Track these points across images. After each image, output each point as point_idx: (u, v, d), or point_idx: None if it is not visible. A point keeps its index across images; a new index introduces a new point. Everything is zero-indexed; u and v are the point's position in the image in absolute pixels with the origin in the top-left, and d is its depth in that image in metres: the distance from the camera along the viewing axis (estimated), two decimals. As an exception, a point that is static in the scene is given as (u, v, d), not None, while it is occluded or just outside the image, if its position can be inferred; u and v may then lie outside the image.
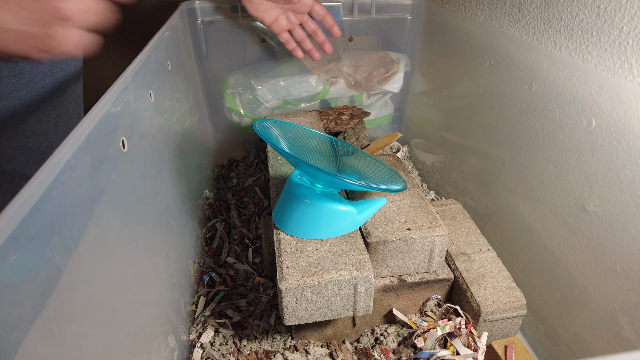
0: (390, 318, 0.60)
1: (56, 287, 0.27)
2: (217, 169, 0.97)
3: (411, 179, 0.64)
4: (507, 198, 0.67)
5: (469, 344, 0.54)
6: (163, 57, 0.61)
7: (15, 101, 0.49)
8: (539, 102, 0.59)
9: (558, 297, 0.57)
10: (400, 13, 0.93)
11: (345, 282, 0.48)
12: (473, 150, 0.77)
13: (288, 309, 0.49)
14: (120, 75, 0.43)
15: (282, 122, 0.56)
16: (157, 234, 0.50)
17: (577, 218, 0.53)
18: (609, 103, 0.48)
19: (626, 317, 0.48)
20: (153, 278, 0.47)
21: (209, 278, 0.66)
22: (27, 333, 0.25)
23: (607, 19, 0.52)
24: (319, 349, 0.56)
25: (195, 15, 0.85)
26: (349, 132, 0.92)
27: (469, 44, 0.75)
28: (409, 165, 1.00)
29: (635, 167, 0.45)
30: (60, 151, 0.30)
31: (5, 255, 0.23)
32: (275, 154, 0.71)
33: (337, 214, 0.51)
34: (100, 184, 0.35)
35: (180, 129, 0.67)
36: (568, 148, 0.54)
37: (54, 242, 0.28)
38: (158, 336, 0.47)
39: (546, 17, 0.62)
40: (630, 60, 0.50)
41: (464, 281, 0.57)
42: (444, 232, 0.54)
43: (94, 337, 0.32)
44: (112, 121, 0.38)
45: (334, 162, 0.59)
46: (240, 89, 0.92)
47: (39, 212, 0.26)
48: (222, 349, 0.57)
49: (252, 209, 0.82)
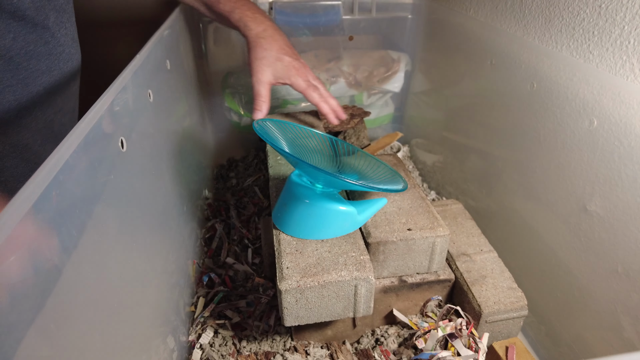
0: (391, 319, 0.59)
1: (55, 287, 0.27)
2: (216, 169, 0.97)
3: (412, 179, 0.64)
4: (509, 198, 0.67)
5: (470, 345, 0.54)
6: (162, 57, 0.60)
7: (9, 96, 0.49)
8: (540, 101, 0.59)
9: (559, 298, 0.57)
10: (400, 12, 0.93)
11: (346, 282, 0.48)
12: (474, 150, 0.77)
13: (288, 310, 0.48)
14: (119, 75, 0.43)
15: (282, 122, 0.56)
16: (156, 235, 0.50)
17: (579, 218, 0.53)
18: (611, 103, 0.48)
19: (628, 317, 0.47)
20: (152, 279, 0.47)
21: (208, 279, 0.66)
22: (26, 333, 0.24)
23: (608, 18, 0.52)
24: (319, 350, 0.56)
25: (194, 15, 0.85)
26: (349, 131, 0.91)
27: (470, 43, 0.75)
28: (409, 165, 1.00)
29: (637, 167, 0.45)
30: (59, 151, 0.30)
31: (5, 255, 0.23)
32: (275, 154, 0.71)
33: (337, 214, 0.51)
34: (99, 184, 0.35)
35: (179, 129, 0.66)
36: (569, 148, 0.54)
37: (54, 242, 0.28)
38: (157, 337, 0.46)
39: (547, 16, 0.62)
40: (632, 60, 0.50)
41: (465, 282, 0.57)
42: (445, 233, 0.53)
43: (92, 337, 0.32)
44: (111, 121, 0.38)
45: (334, 162, 0.58)
46: (240, 88, 0.92)
47: (38, 212, 0.26)
48: (221, 350, 0.57)
49: (251, 209, 0.81)
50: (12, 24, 0.47)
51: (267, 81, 0.64)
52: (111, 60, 0.83)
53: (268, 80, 0.64)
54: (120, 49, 1.07)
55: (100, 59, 1.02)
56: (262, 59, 0.64)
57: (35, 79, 0.51)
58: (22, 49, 0.49)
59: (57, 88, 0.55)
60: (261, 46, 0.64)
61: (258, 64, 0.64)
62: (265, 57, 0.64)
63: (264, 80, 0.64)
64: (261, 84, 0.64)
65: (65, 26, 0.55)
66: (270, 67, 0.64)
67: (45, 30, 0.51)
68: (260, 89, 0.64)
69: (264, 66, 0.64)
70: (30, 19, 0.49)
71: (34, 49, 0.50)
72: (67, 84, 0.57)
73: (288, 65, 0.64)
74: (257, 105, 0.65)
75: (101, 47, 1.08)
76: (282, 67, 0.64)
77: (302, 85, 0.65)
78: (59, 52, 0.54)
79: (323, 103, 0.66)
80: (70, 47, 0.57)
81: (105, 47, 1.09)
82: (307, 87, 0.65)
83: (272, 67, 0.64)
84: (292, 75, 0.64)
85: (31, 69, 0.50)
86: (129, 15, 1.06)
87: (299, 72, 0.65)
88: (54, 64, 0.53)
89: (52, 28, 0.52)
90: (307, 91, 0.65)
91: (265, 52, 0.64)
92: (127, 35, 1.07)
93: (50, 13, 0.51)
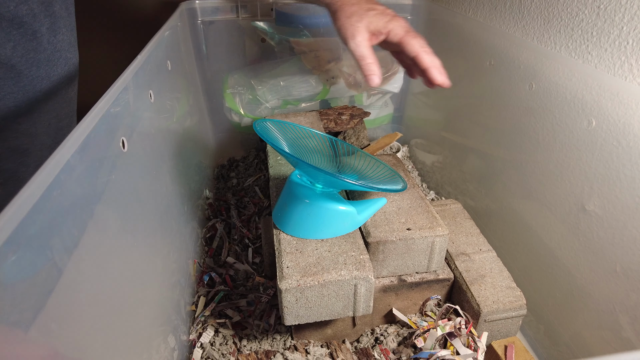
0: (390, 318, 0.60)
1: (56, 287, 0.27)
2: (217, 169, 0.97)
3: (411, 179, 0.64)
4: (507, 198, 0.67)
5: (469, 344, 0.54)
6: (163, 57, 0.61)
7: (9, 103, 0.49)
8: (539, 102, 0.59)
9: (558, 297, 0.57)
10: (400, 13, 0.92)
11: (345, 282, 0.48)
12: (473, 150, 0.77)
13: (288, 309, 0.49)
14: (120, 75, 0.43)
15: (282, 122, 0.56)
16: (157, 234, 0.50)
17: (577, 218, 0.53)
18: (609, 103, 0.48)
19: (626, 317, 0.48)
20: (153, 278, 0.47)
21: (209, 278, 0.66)
22: (27, 333, 0.25)
23: (607, 18, 0.52)
24: (319, 349, 0.56)
25: (195, 15, 0.85)
26: (349, 132, 0.92)
27: (469, 44, 0.75)
28: (409, 165, 1.00)
29: (635, 167, 0.45)
30: (60, 151, 0.30)
31: (5, 255, 0.23)
32: (275, 154, 0.71)
33: (337, 214, 0.51)
34: (100, 184, 0.35)
35: (180, 129, 0.67)
36: (568, 148, 0.54)
37: (54, 242, 0.28)
38: (158, 336, 0.47)
39: (546, 16, 0.62)
40: (631, 60, 0.50)
41: (464, 281, 0.57)
42: (444, 232, 0.54)
43: (93, 337, 0.32)
44: (112, 121, 0.38)
45: (334, 162, 0.59)
46: (240, 89, 0.92)
47: (39, 212, 0.26)
48: (222, 349, 0.57)
49: (252, 209, 0.82)
50: (12, 33, 0.47)
51: (365, 39, 0.56)
52: (112, 60, 0.83)
53: (366, 38, 0.56)
54: (121, 50, 1.07)
55: (101, 60, 1.03)
56: (351, 15, 0.56)
57: (35, 86, 0.51)
58: (23, 56, 0.49)
59: (56, 93, 0.55)
60: (348, 2, 0.57)
61: (349, 23, 0.56)
62: (355, 12, 0.56)
63: (360, 39, 0.55)
64: (360, 45, 0.55)
65: (62, 32, 0.55)
66: (363, 22, 0.56)
67: (41, 37, 0.51)
68: (362, 51, 0.55)
69: (357, 22, 0.56)
70: (29, 26, 0.49)
71: (34, 56, 0.50)
72: (66, 89, 0.58)
73: (383, 12, 0.56)
74: (367, 70, 0.56)
75: (102, 48, 1.08)
76: (375, 15, 0.56)
77: (400, 31, 0.56)
78: (56, 57, 0.54)
79: (424, 53, 0.56)
80: (68, 52, 0.56)
81: (106, 47, 1.09)
82: (405, 33, 0.56)
83: (364, 20, 0.56)
84: (389, 22, 0.56)
85: (32, 76, 0.50)
86: (130, 16, 1.07)
87: (395, 18, 0.57)
88: (52, 70, 0.53)
89: (46, 35, 0.52)
90: (406, 37, 0.56)
91: (354, 7, 0.56)
92: (127, 35, 1.07)
93: (45, 20, 0.51)
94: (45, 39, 0.51)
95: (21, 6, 0.48)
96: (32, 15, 0.49)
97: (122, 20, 1.07)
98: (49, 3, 0.52)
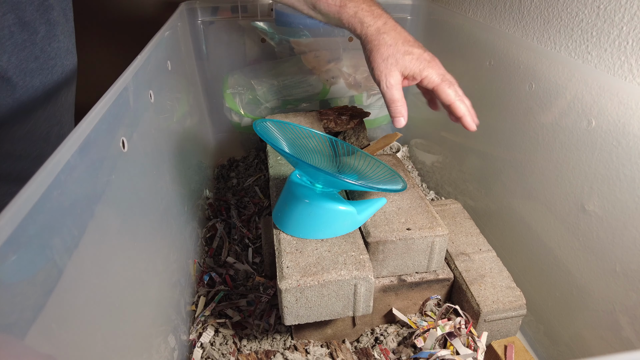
0: (390, 318, 0.60)
1: (56, 287, 0.27)
2: (217, 169, 0.97)
3: (411, 179, 0.64)
4: (507, 198, 0.67)
5: (469, 344, 0.54)
6: (163, 57, 0.61)
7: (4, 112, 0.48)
8: (538, 102, 0.59)
9: (558, 297, 0.57)
10: (400, 13, 0.93)
11: (345, 282, 0.48)
12: (473, 150, 0.77)
13: (288, 309, 0.49)
14: (120, 75, 0.43)
15: (282, 122, 0.56)
16: (157, 234, 0.50)
17: (577, 218, 0.53)
18: (609, 103, 0.48)
19: (626, 316, 0.48)
20: (153, 278, 0.47)
21: (209, 278, 0.67)
22: (27, 333, 0.25)
23: (606, 18, 0.52)
24: (318, 349, 0.56)
25: (195, 15, 0.85)
26: (349, 132, 0.92)
27: (468, 44, 0.75)
28: (408, 165, 1.00)
29: (635, 167, 0.45)
30: (60, 151, 0.30)
31: (5, 255, 0.23)
32: (275, 154, 0.71)
33: (337, 214, 0.51)
34: (100, 184, 0.35)
35: (180, 129, 0.67)
36: (568, 148, 0.54)
37: (54, 242, 0.28)
38: (158, 336, 0.47)
39: (546, 17, 0.62)
40: (630, 60, 0.50)
41: (464, 281, 0.57)
42: (444, 232, 0.54)
43: (94, 337, 0.32)
44: (112, 121, 0.38)
45: (334, 162, 0.59)
46: (240, 89, 0.92)
47: (39, 212, 0.26)
48: (222, 349, 0.57)
49: (252, 209, 0.82)
50: (6, 44, 0.46)
51: (397, 82, 0.56)
52: (112, 61, 0.83)
53: (398, 81, 0.56)
54: (121, 50, 1.07)
55: (100, 60, 1.03)
56: (387, 57, 0.55)
57: (30, 95, 0.50)
58: (17, 67, 0.48)
59: (52, 101, 0.54)
60: (385, 43, 0.55)
61: (384, 66, 0.55)
62: (391, 54, 0.55)
63: (393, 83, 0.55)
64: (392, 88, 0.55)
65: (59, 39, 0.53)
66: (397, 66, 0.55)
67: (35, 46, 0.50)
68: (393, 94, 0.56)
69: (391, 66, 0.55)
70: (24, 35, 0.48)
71: (27, 65, 0.49)
72: (64, 95, 0.56)
73: (419, 58, 0.55)
74: (395, 113, 0.57)
75: (102, 48, 1.08)
76: (411, 60, 0.55)
77: (435, 79, 0.55)
78: (51, 65, 0.53)
79: (459, 102, 0.56)
80: (64, 59, 0.55)
81: (106, 48, 1.09)
82: (441, 81, 0.55)
83: (399, 64, 0.55)
84: (424, 69, 0.55)
85: (26, 86, 0.49)
86: (130, 16, 1.07)
87: (431, 64, 0.56)
88: (47, 79, 0.52)
89: (40, 43, 0.50)
90: (441, 86, 0.55)
91: (391, 49, 0.55)
92: (127, 36, 1.07)
93: (41, 28, 0.50)
94: (38, 48, 0.50)
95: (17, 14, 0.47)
96: (28, 24, 0.48)
97: (122, 20, 1.07)
98: (48, 10, 0.51)
